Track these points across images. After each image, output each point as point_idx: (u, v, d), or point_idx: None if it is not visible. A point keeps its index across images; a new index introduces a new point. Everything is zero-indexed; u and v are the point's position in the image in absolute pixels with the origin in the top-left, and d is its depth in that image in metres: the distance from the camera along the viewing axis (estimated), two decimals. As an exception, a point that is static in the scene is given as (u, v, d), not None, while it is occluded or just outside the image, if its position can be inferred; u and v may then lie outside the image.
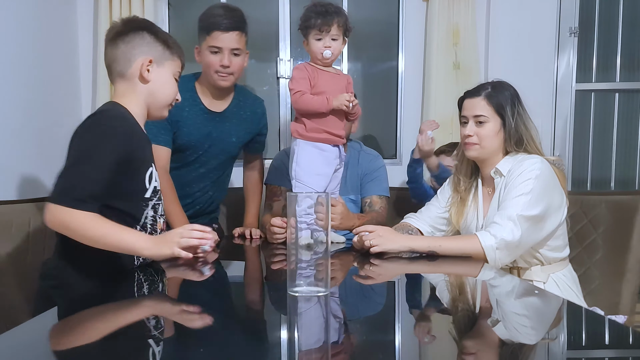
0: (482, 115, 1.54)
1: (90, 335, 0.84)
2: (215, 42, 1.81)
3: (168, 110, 1.45)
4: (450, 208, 1.67)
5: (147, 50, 1.36)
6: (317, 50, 1.67)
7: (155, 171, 1.39)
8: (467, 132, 1.57)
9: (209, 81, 1.90)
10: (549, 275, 1.55)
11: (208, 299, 1.15)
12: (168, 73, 1.40)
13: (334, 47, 1.67)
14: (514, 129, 1.52)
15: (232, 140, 1.99)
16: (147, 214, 1.36)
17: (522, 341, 0.84)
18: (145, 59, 1.35)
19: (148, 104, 1.40)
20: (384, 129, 2.84)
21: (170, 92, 1.42)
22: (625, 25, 2.85)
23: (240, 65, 1.89)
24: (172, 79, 1.42)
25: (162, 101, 1.41)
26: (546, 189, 1.47)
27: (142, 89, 1.37)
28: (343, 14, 1.71)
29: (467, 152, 1.59)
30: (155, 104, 1.40)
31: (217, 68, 1.83)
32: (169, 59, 1.40)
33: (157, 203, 1.39)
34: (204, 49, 1.84)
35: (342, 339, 0.84)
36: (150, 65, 1.36)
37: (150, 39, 1.37)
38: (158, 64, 1.38)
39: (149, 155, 1.39)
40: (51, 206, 1.18)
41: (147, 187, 1.34)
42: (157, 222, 1.40)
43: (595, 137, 2.91)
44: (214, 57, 1.82)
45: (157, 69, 1.38)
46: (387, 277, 1.38)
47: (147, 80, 1.37)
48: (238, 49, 1.84)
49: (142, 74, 1.36)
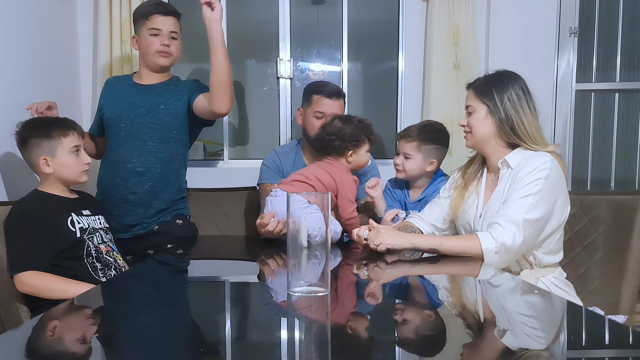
0: (470, 105, 1.59)
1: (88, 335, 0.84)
2: (155, 25, 1.98)
3: (85, 175, 1.75)
4: (453, 192, 1.68)
5: (37, 152, 1.69)
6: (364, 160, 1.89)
7: (75, 216, 1.69)
8: (461, 123, 1.63)
9: (147, 64, 2.04)
10: (538, 278, 1.54)
11: (208, 299, 1.15)
12: (63, 155, 1.69)
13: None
14: (504, 114, 1.52)
15: (161, 108, 2.00)
16: (90, 249, 1.68)
17: (522, 341, 0.84)
18: (40, 159, 1.68)
19: (62, 182, 1.73)
20: (384, 129, 2.84)
21: (72, 167, 1.71)
22: (625, 25, 2.85)
23: (177, 48, 2.04)
24: (70, 155, 1.70)
25: (70, 177, 1.73)
26: (553, 191, 1.47)
27: (51, 177, 1.71)
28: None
29: (466, 142, 1.64)
30: (67, 181, 1.74)
31: (157, 48, 1.98)
32: (57, 146, 1.69)
33: (90, 236, 1.70)
34: (144, 33, 2.00)
35: (342, 339, 0.84)
36: (46, 161, 1.68)
37: (36, 141, 1.68)
38: (51, 156, 1.68)
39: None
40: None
41: (74, 229, 1.67)
42: (100, 249, 1.71)
43: (595, 137, 2.91)
44: (153, 38, 1.98)
45: (53, 159, 1.69)
46: (387, 278, 1.38)
47: (51, 171, 1.69)
48: (175, 32, 2.02)
49: (43, 170, 1.69)
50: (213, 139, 2.85)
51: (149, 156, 1.99)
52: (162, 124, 2.00)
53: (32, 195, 1.72)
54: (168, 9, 2.02)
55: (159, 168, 2.00)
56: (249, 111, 2.96)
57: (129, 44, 2.49)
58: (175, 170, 2.06)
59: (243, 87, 2.90)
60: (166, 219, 2.04)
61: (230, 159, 2.80)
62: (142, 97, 2.02)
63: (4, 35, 1.92)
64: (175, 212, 2.07)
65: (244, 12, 2.84)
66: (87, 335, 0.85)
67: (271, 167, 2.15)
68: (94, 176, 2.14)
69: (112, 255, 1.75)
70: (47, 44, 2.28)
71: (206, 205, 2.42)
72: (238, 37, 2.77)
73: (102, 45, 2.50)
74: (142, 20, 1.99)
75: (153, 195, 2.01)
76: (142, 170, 1.98)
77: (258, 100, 2.93)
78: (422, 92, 2.74)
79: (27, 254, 1.58)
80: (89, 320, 0.95)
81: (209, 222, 2.41)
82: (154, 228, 2.02)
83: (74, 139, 1.72)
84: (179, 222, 2.06)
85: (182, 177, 2.11)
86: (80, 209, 1.75)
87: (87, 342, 0.81)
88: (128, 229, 2.02)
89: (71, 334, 0.86)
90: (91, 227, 1.73)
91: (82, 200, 1.82)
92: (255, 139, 2.99)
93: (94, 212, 1.80)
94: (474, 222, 1.59)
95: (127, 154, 2.00)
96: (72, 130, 1.72)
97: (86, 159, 1.75)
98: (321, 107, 2.04)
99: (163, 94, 2.02)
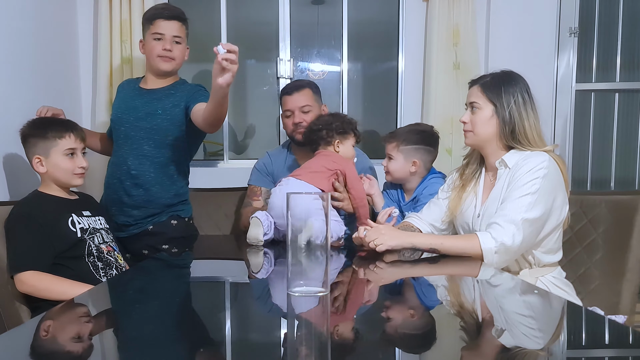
0: (476, 102, 1.56)
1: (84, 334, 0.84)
2: (158, 29, 1.97)
3: (78, 178, 1.74)
4: (451, 193, 1.68)
5: (33, 151, 1.70)
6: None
7: (76, 217, 1.70)
8: (462, 119, 1.60)
9: (151, 68, 2.04)
10: (537, 278, 1.54)
11: (208, 299, 1.15)
12: (57, 156, 1.70)
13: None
14: (508, 116, 1.52)
15: (158, 113, 1.99)
16: (91, 248, 1.68)
17: (522, 341, 0.84)
18: (34, 158, 1.70)
19: (55, 183, 1.73)
20: (384, 129, 2.83)
21: (65, 169, 1.71)
22: (625, 25, 2.85)
23: (181, 52, 2.03)
24: (63, 157, 1.70)
25: (63, 178, 1.72)
26: (552, 190, 1.47)
27: (45, 177, 1.73)
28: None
29: (465, 140, 1.62)
30: (60, 182, 1.73)
31: (159, 52, 1.97)
32: (51, 147, 1.69)
33: (91, 236, 1.70)
34: (148, 37, 1.99)
35: (342, 340, 0.84)
36: (40, 161, 1.69)
37: (33, 141, 1.70)
38: (45, 156, 1.69)
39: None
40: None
41: (75, 230, 1.67)
42: (101, 249, 1.71)
43: (595, 137, 2.91)
44: (156, 42, 1.98)
45: (47, 160, 1.70)
46: (387, 278, 1.38)
47: (45, 171, 1.71)
48: (179, 36, 2.00)
49: (37, 170, 1.71)
50: (213, 139, 2.85)
51: (143, 160, 1.99)
52: (159, 129, 1.99)
53: (32, 196, 1.73)
54: (172, 13, 2.00)
55: (153, 172, 1.99)
56: (249, 111, 2.96)
57: (129, 45, 2.49)
58: (170, 176, 2.03)
59: (243, 87, 2.90)
60: (161, 219, 2.03)
61: (230, 159, 2.80)
62: (142, 102, 2.03)
63: (4, 36, 1.92)
64: (171, 214, 2.06)
65: (244, 12, 2.84)
66: (87, 336, 0.85)
67: (261, 170, 2.20)
68: (101, 178, 2.16)
69: (113, 255, 1.75)
70: (47, 44, 2.28)
71: (206, 205, 2.42)
72: (238, 37, 2.78)
73: (102, 45, 2.50)
74: (147, 24, 2.00)
75: (147, 199, 2.00)
76: (136, 173, 1.99)
77: (258, 100, 2.93)
78: (422, 92, 2.74)
79: (27, 254, 1.58)
80: (89, 321, 0.95)
81: (209, 222, 2.41)
82: (148, 228, 2.02)
83: (70, 141, 1.72)
84: (173, 222, 2.05)
85: (179, 183, 2.07)
86: (81, 210, 1.76)
87: (87, 342, 0.81)
88: (124, 228, 2.03)
89: (71, 334, 0.86)
90: (92, 228, 1.74)
91: (83, 201, 1.83)
92: (255, 139, 3.00)
93: (95, 213, 1.81)
94: (473, 221, 1.59)
95: (124, 156, 2.01)
96: (69, 132, 1.72)
97: (81, 162, 1.74)
98: (286, 106, 2.12)
99: (162, 99, 2.01)
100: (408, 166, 1.95)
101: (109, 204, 2.04)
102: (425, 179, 1.98)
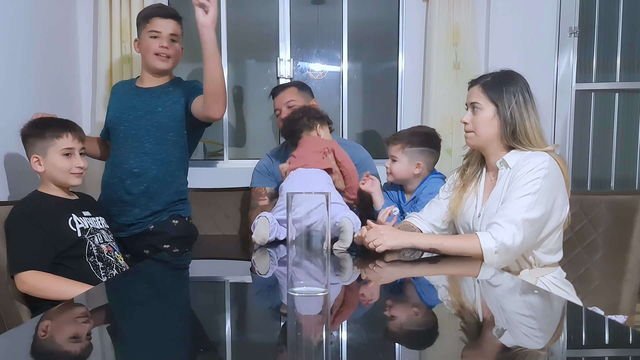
0: (477, 102, 1.56)
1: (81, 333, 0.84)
2: (154, 27, 1.98)
3: (76, 178, 1.74)
4: (452, 193, 1.68)
5: (32, 150, 1.72)
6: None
7: (76, 217, 1.70)
8: (463, 120, 1.60)
9: (147, 67, 2.04)
10: (538, 278, 1.54)
11: (208, 299, 1.15)
12: (54, 156, 1.70)
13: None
14: (509, 117, 1.51)
15: (158, 110, 2.01)
16: (92, 248, 1.69)
17: (522, 341, 0.84)
18: (32, 157, 1.72)
19: (53, 182, 1.73)
20: (384, 129, 2.84)
21: (61, 168, 1.71)
22: (625, 25, 2.85)
23: (177, 51, 2.05)
24: (60, 157, 1.71)
25: (60, 178, 1.73)
26: (552, 190, 1.47)
27: (44, 177, 1.74)
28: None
29: (466, 141, 1.62)
30: (57, 182, 1.74)
31: (156, 50, 1.99)
32: (49, 146, 1.70)
33: (91, 236, 1.71)
34: (144, 35, 2.01)
35: (342, 340, 0.84)
36: (38, 160, 1.71)
37: (32, 140, 1.72)
38: (43, 155, 1.70)
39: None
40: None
41: (75, 229, 1.68)
42: (101, 248, 1.72)
43: (595, 137, 2.91)
44: (153, 41, 1.99)
45: (44, 159, 1.71)
46: (387, 278, 1.38)
47: (42, 170, 1.71)
48: (176, 35, 2.02)
49: (35, 169, 1.72)
50: (213, 139, 2.86)
51: (145, 157, 2.00)
52: (159, 126, 2.00)
53: (32, 196, 1.73)
54: (168, 11, 2.03)
55: (155, 169, 2.00)
56: (249, 111, 2.96)
57: (128, 45, 2.50)
58: (172, 172, 2.05)
59: (243, 87, 2.90)
60: (162, 219, 2.04)
61: (230, 159, 2.80)
62: (141, 100, 2.04)
63: (4, 36, 1.92)
64: (172, 213, 2.07)
65: (244, 12, 2.84)
66: (88, 335, 0.85)
67: (261, 171, 2.22)
68: (99, 179, 2.16)
69: (113, 255, 1.75)
70: (47, 44, 2.28)
71: (206, 205, 2.42)
72: (238, 37, 2.78)
73: (102, 45, 2.50)
74: (143, 23, 2.02)
75: (148, 196, 2.01)
76: (138, 171, 1.99)
77: (258, 100, 2.93)
78: (422, 92, 2.74)
79: (28, 253, 1.58)
80: (89, 320, 0.95)
81: (209, 222, 2.41)
82: (149, 228, 2.03)
83: (67, 141, 1.72)
84: (175, 222, 2.06)
85: (180, 180, 2.10)
86: (81, 210, 1.76)
87: (87, 342, 0.81)
88: (125, 228, 2.03)
89: (71, 334, 0.86)
90: (92, 228, 1.74)
91: (83, 201, 1.83)
92: (255, 139, 3.00)
93: (95, 214, 1.81)
94: (473, 221, 1.59)
95: (124, 155, 2.01)
96: (66, 132, 1.73)
97: (79, 162, 1.74)
98: (275, 106, 2.22)
99: (161, 96, 2.03)
100: (412, 168, 1.95)
101: (109, 204, 2.04)
102: (425, 179, 1.98)
